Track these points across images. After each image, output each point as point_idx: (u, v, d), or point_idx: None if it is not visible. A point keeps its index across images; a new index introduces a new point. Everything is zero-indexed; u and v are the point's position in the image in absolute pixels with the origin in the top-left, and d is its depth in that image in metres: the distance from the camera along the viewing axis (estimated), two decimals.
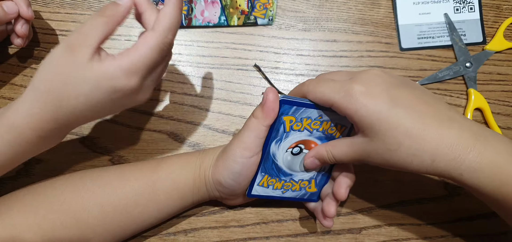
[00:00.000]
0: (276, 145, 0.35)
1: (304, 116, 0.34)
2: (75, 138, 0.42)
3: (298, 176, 0.37)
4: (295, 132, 0.34)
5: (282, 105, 0.33)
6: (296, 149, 0.35)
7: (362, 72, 0.31)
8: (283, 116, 0.33)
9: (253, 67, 0.44)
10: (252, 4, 0.42)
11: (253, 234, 0.42)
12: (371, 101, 0.29)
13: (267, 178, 0.36)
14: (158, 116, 0.42)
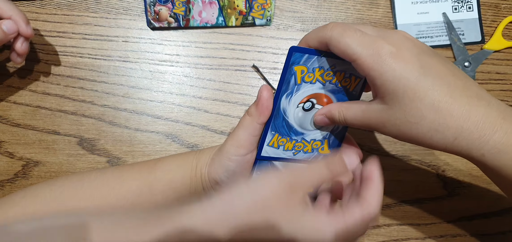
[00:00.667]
0: (286, 99, 0.33)
1: (316, 66, 0.31)
2: (73, 139, 0.42)
3: (310, 135, 0.35)
4: (307, 84, 0.32)
5: (293, 53, 0.30)
6: (308, 104, 0.33)
7: (392, 32, 0.29)
8: (294, 66, 0.31)
9: (251, 68, 0.43)
10: (250, 4, 0.42)
11: None
12: (400, 65, 0.26)
13: (277, 137, 0.34)
14: (156, 117, 0.42)
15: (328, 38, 0.28)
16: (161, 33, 0.43)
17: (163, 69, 0.43)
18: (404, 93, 0.26)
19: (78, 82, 0.42)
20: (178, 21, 0.42)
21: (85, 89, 0.42)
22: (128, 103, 0.42)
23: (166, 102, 0.43)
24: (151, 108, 0.42)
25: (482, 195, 0.44)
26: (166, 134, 0.42)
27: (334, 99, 0.33)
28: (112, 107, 0.42)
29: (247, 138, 0.32)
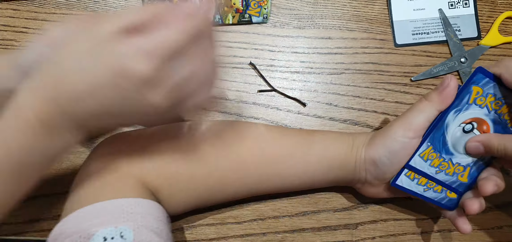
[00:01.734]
0: (454, 115, 0.34)
1: (490, 92, 0.34)
2: None
3: (457, 158, 0.36)
4: (476, 106, 0.34)
5: (477, 73, 0.33)
6: (469, 126, 0.35)
7: None
8: (474, 85, 0.33)
9: (249, 65, 0.44)
10: (247, 2, 0.43)
11: (250, 231, 0.42)
12: None
13: (430, 150, 0.35)
14: None
15: (504, 68, 0.31)
16: None
17: None
18: None
19: None
20: None
21: None
22: None
23: None
24: None
25: None
26: None
27: (492, 129, 0.35)
28: None
29: (420, 122, 0.33)
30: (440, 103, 0.33)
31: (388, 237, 0.43)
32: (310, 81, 0.44)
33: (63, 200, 0.33)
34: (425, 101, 0.33)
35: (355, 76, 0.45)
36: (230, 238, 0.42)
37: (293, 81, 0.44)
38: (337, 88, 0.45)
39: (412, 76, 0.45)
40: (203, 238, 0.42)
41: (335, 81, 0.45)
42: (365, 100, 0.44)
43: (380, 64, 0.45)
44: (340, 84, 0.45)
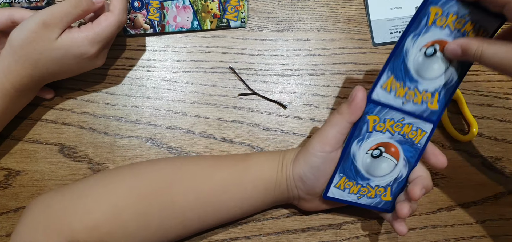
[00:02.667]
0: (357, 145, 0.35)
1: (387, 118, 0.34)
2: (54, 147, 0.43)
3: (374, 182, 0.37)
4: (377, 132, 0.35)
5: (368, 104, 0.33)
6: (376, 151, 0.36)
7: None
8: (368, 115, 0.34)
9: (228, 69, 0.44)
10: (224, 7, 0.43)
11: (234, 234, 0.43)
12: None
13: (344, 180, 0.36)
14: (135, 122, 0.43)
15: None
16: (138, 39, 0.44)
17: (141, 75, 0.44)
18: None
19: (57, 91, 0.43)
20: (154, 27, 0.43)
21: (64, 98, 0.43)
22: (107, 109, 0.43)
23: (145, 107, 0.44)
24: (130, 114, 0.43)
25: (461, 186, 0.45)
26: (145, 138, 0.43)
27: (400, 150, 0.36)
28: (91, 114, 0.43)
29: (334, 135, 0.34)
30: (351, 115, 0.33)
31: (373, 235, 0.44)
32: (290, 84, 0.45)
33: None
34: (337, 114, 0.34)
35: (334, 76, 0.45)
36: None
37: (273, 84, 0.45)
38: (316, 90, 0.45)
39: None
40: None
41: (315, 83, 0.45)
42: (344, 100, 0.45)
43: (358, 64, 0.45)
44: (320, 85, 0.45)
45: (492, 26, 0.33)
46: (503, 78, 0.46)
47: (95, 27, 0.36)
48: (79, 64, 0.38)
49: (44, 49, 0.35)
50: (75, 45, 0.36)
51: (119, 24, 0.37)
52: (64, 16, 0.35)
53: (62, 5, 0.35)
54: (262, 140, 0.44)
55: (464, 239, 0.44)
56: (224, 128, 0.44)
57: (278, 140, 0.44)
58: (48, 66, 0.36)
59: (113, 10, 0.37)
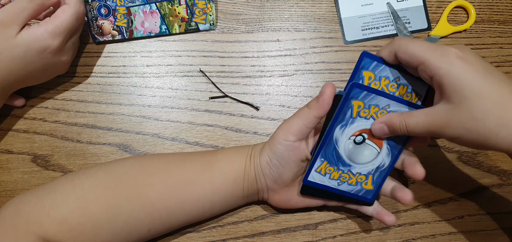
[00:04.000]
0: (340, 130, 0.35)
1: (372, 104, 0.34)
2: (27, 157, 0.43)
3: (356, 169, 0.37)
4: (361, 118, 0.35)
5: (354, 88, 0.33)
6: (359, 138, 0.36)
7: (451, 45, 0.32)
8: (353, 100, 0.34)
9: (198, 72, 0.44)
10: (191, 10, 0.43)
11: (209, 238, 0.43)
12: (465, 65, 0.29)
13: (326, 164, 0.37)
14: (107, 129, 0.43)
15: (396, 49, 0.33)
16: (107, 46, 0.44)
17: (111, 81, 0.44)
18: (470, 90, 0.29)
19: (28, 100, 0.43)
20: (122, 33, 0.43)
21: (35, 107, 0.43)
22: (78, 117, 0.43)
23: (116, 113, 0.44)
24: (102, 121, 0.43)
25: (438, 182, 0.45)
26: (117, 144, 0.43)
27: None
28: (63, 123, 0.43)
29: (299, 127, 0.35)
30: (318, 109, 0.34)
31: (349, 234, 0.43)
32: (262, 85, 0.45)
33: None
34: (305, 108, 0.35)
35: (306, 76, 0.45)
36: None
37: (245, 86, 0.45)
38: (289, 90, 0.45)
39: None
40: None
41: (287, 83, 0.45)
42: None
43: (330, 63, 0.45)
44: (292, 85, 0.45)
45: (423, 90, 0.35)
46: None
47: (53, 20, 0.37)
48: (43, 61, 0.38)
49: (3, 48, 0.35)
50: (36, 40, 0.36)
51: (77, 15, 0.38)
52: (20, 12, 0.35)
53: (17, 2, 0.36)
54: (235, 143, 0.44)
55: (442, 235, 0.44)
56: (196, 131, 0.44)
57: (251, 142, 0.44)
58: (10, 67, 0.36)
59: (69, 2, 0.37)
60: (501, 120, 0.28)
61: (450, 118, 0.30)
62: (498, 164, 0.45)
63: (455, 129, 0.30)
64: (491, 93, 0.29)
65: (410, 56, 0.31)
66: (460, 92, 0.29)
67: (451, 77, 0.29)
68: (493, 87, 0.29)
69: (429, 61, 0.30)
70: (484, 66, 0.30)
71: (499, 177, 0.45)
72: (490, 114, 0.28)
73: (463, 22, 0.47)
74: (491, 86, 0.29)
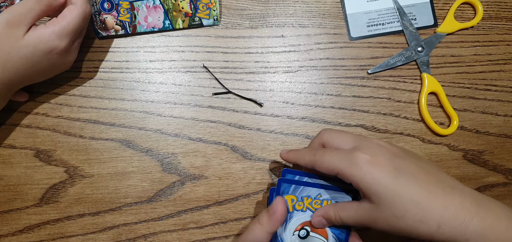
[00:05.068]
0: (282, 227, 0.36)
1: (304, 195, 0.36)
2: (29, 152, 0.43)
3: None
4: (298, 211, 0.36)
5: (281, 184, 0.35)
6: (303, 232, 0.36)
7: (364, 141, 0.34)
8: (285, 195, 0.35)
9: (202, 68, 0.44)
10: (195, 5, 0.43)
11: (212, 234, 0.43)
12: (376, 170, 0.31)
13: None
14: (110, 125, 0.43)
15: (312, 162, 0.34)
16: (110, 41, 0.44)
17: (114, 77, 0.44)
18: (385, 193, 0.31)
19: (30, 95, 0.43)
20: (125, 28, 0.43)
21: (38, 102, 0.43)
22: (81, 112, 0.43)
23: (119, 109, 0.43)
24: (104, 116, 0.43)
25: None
26: (120, 140, 0.43)
27: (327, 227, 0.36)
28: (66, 118, 0.43)
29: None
30: (270, 226, 0.34)
31: None
32: (266, 81, 0.44)
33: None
34: (257, 223, 0.35)
35: (311, 72, 0.45)
36: None
37: (249, 82, 0.44)
38: (293, 86, 0.44)
39: (368, 69, 0.45)
40: None
41: (291, 79, 0.45)
42: (321, 96, 0.44)
43: (335, 59, 0.45)
44: (296, 82, 0.45)
45: (346, 196, 0.36)
46: (484, 69, 0.45)
47: (60, 21, 0.37)
48: (50, 61, 0.38)
49: (11, 48, 0.35)
50: (43, 41, 0.36)
51: (84, 15, 0.38)
52: (28, 12, 0.36)
53: (25, 2, 0.36)
54: (238, 139, 0.44)
55: None
56: (199, 127, 0.44)
57: (254, 138, 0.44)
58: (17, 67, 0.36)
59: (75, 2, 0.37)
60: (417, 216, 0.30)
61: (375, 217, 0.32)
62: (503, 162, 0.45)
63: (381, 225, 0.32)
64: (405, 193, 0.30)
65: (326, 168, 0.33)
66: (376, 195, 0.31)
67: (364, 183, 0.31)
68: (406, 186, 0.30)
69: (343, 171, 0.32)
70: (394, 166, 0.31)
71: (504, 176, 0.45)
72: (406, 212, 0.30)
73: (470, 18, 0.46)
74: (403, 186, 0.30)
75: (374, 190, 0.31)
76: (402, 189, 0.30)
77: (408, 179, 0.31)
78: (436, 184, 0.31)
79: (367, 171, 0.31)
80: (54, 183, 0.43)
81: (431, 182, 0.31)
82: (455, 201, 0.30)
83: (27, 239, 0.42)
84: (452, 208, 0.30)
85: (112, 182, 0.43)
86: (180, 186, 0.43)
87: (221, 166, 0.43)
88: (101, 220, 0.42)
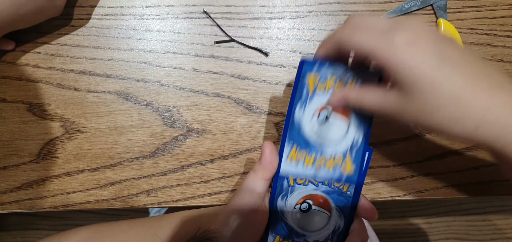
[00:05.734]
0: (300, 110, 0.33)
1: (329, 74, 0.32)
2: (22, 106, 0.41)
3: (329, 149, 0.33)
4: (319, 95, 0.33)
5: (304, 63, 0.31)
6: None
7: (407, 19, 0.28)
8: (306, 76, 0.32)
9: (202, 14, 0.41)
10: None
11: (217, 189, 0.42)
12: (416, 55, 0.26)
13: (295, 149, 0.33)
14: (106, 76, 0.41)
15: (339, 41, 0.30)
16: None
17: (108, 24, 0.41)
18: (422, 84, 0.26)
19: (18, 44, 0.40)
20: None
21: (27, 53, 0.40)
22: (75, 63, 0.41)
23: (115, 59, 0.41)
24: (100, 67, 0.41)
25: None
26: (118, 92, 0.41)
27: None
28: (58, 70, 0.41)
29: (250, 191, 0.33)
30: (263, 172, 0.33)
31: None
32: (272, 28, 0.41)
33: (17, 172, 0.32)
34: (252, 173, 0.34)
35: (320, 18, 0.42)
36: (197, 198, 0.42)
37: (253, 29, 0.41)
38: (301, 34, 0.42)
39: (382, 14, 0.42)
40: (169, 199, 0.42)
41: (298, 26, 0.42)
42: None
43: (346, 4, 0.42)
44: (304, 28, 0.42)
45: (373, 80, 0.32)
46: (505, 14, 0.43)
47: None
48: (36, 4, 0.35)
49: None
50: None
51: None
52: None
53: None
54: (242, 91, 0.41)
55: (456, 186, 0.43)
56: (201, 79, 0.41)
57: (260, 90, 0.41)
58: (1, 10, 0.33)
59: None
60: (455, 114, 0.26)
61: (403, 108, 0.28)
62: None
63: (408, 118, 0.28)
64: (446, 85, 0.26)
65: (356, 48, 0.29)
66: (409, 84, 0.27)
67: (399, 70, 0.27)
68: (448, 78, 0.26)
69: (375, 52, 0.27)
70: (438, 50, 0.27)
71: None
72: (443, 108, 0.27)
73: None
74: (444, 77, 0.26)
75: (409, 79, 0.26)
76: (444, 80, 0.26)
77: (452, 69, 0.26)
78: (483, 79, 0.27)
79: (406, 53, 0.26)
80: (50, 138, 0.41)
81: (477, 77, 0.27)
82: (501, 102, 0.26)
83: (26, 195, 0.41)
84: (496, 110, 0.26)
85: (111, 136, 0.41)
86: (183, 140, 0.41)
87: (225, 120, 0.41)
88: (102, 175, 0.41)
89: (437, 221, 1.16)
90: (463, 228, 1.16)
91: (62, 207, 0.41)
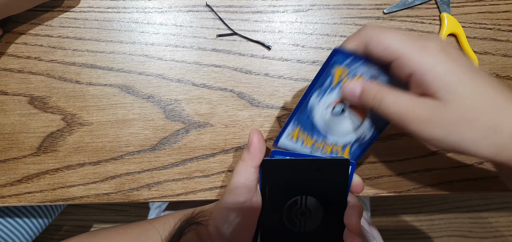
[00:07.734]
0: (317, 98, 0.32)
1: (358, 72, 0.30)
2: (23, 99, 0.41)
3: (332, 139, 0.34)
4: None
5: (336, 54, 0.29)
6: (339, 108, 0.32)
7: (428, 36, 0.29)
8: (334, 67, 0.30)
9: (205, 7, 0.41)
10: None
11: (219, 183, 0.41)
12: (451, 61, 0.26)
13: (299, 130, 0.33)
14: (108, 69, 0.41)
15: (367, 40, 0.28)
16: None
17: (110, 17, 0.41)
18: (463, 88, 0.25)
19: (20, 37, 0.40)
20: None
21: (29, 45, 0.40)
22: (76, 56, 0.41)
23: (117, 52, 0.41)
24: (102, 60, 0.41)
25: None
26: (119, 86, 0.41)
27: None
28: (60, 62, 0.41)
29: (243, 184, 0.33)
30: (252, 160, 0.33)
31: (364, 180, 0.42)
32: (274, 22, 0.41)
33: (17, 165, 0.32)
34: (240, 162, 0.34)
35: (323, 12, 0.42)
36: (198, 192, 0.42)
37: (256, 22, 0.41)
38: (303, 27, 0.42)
39: (384, 8, 0.42)
40: (170, 194, 0.41)
41: (301, 20, 0.42)
42: (334, 38, 0.42)
43: None
44: (307, 22, 0.42)
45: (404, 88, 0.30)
46: (509, 9, 0.42)
47: None
48: None
49: None
50: None
51: None
52: None
53: None
54: (245, 85, 0.41)
55: (459, 181, 0.42)
56: (203, 72, 0.41)
57: (262, 84, 0.41)
58: None
59: None
60: (491, 123, 0.25)
61: (433, 116, 0.26)
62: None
63: (435, 128, 0.26)
64: (483, 92, 0.25)
65: (384, 49, 0.27)
66: (449, 89, 0.25)
67: (437, 73, 0.25)
68: (484, 86, 0.26)
69: (408, 55, 0.26)
70: (469, 64, 0.26)
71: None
72: (482, 115, 0.25)
73: None
74: (482, 85, 0.26)
75: (447, 82, 0.25)
76: (481, 89, 0.25)
77: (484, 79, 0.26)
78: (510, 91, 0.26)
79: (441, 59, 0.25)
80: (51, 131, 0.41)
81: (505, 89, 0.26)
82: None
83: (26, 189, 0.40)
84: None
85: (113, 130, 0.41)
86: (184, 133, 0.41)
87: (227, 113, 0.41)
88: (103, 169, 0.41)
89: (440, 218, 1.16)
90: (466, 225, 1.16)
91: (62, 200, 0.41)
